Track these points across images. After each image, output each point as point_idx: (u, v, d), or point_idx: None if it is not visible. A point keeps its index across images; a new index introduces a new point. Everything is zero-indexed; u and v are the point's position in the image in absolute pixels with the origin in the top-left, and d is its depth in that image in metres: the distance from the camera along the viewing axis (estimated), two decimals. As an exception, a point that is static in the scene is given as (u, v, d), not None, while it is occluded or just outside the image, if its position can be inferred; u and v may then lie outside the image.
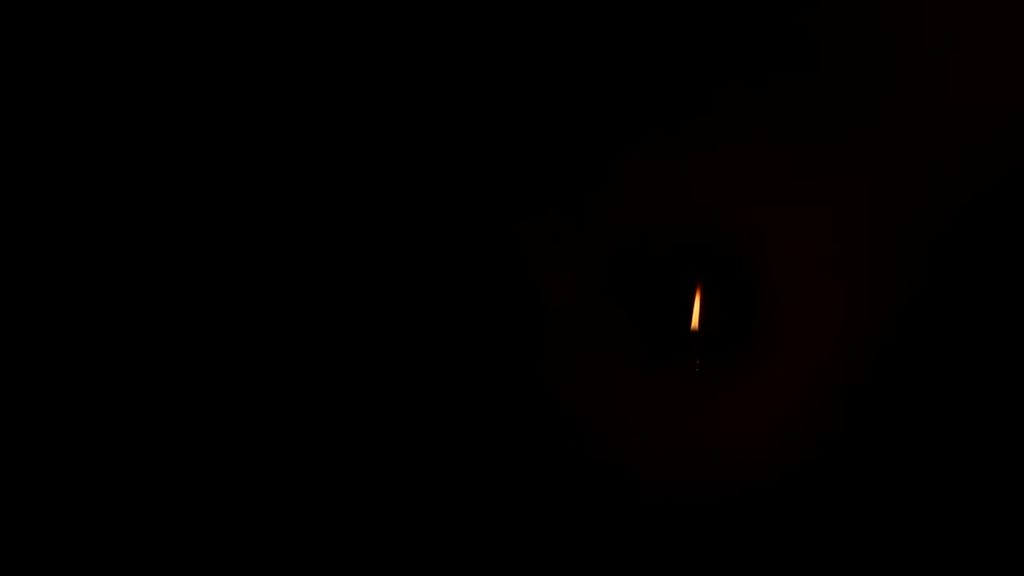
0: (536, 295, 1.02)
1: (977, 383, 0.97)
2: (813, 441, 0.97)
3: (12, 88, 1.04)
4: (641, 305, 1.01)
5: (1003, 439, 0.96)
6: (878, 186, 0.98)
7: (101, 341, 1.03)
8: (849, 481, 0.97)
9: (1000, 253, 0.97)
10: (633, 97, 1.01)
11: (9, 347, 1.03)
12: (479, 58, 1.03)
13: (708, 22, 1.00)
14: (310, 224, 1.04)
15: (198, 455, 1.02)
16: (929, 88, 0.98)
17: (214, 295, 1.04)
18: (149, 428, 1.03)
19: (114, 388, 1.03)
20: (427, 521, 1.01)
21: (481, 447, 1.01)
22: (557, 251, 1.02)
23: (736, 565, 0.97)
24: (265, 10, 1.04)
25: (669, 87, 1.01)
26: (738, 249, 1.00)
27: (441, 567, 1.00)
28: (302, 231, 1.04)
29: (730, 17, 1.00)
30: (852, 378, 0.97)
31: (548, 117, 1.03)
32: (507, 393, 1.01)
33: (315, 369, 1.03)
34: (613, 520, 0.99)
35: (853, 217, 0.99)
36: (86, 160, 1.05)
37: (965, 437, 0.97)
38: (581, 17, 1.02)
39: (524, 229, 1.02)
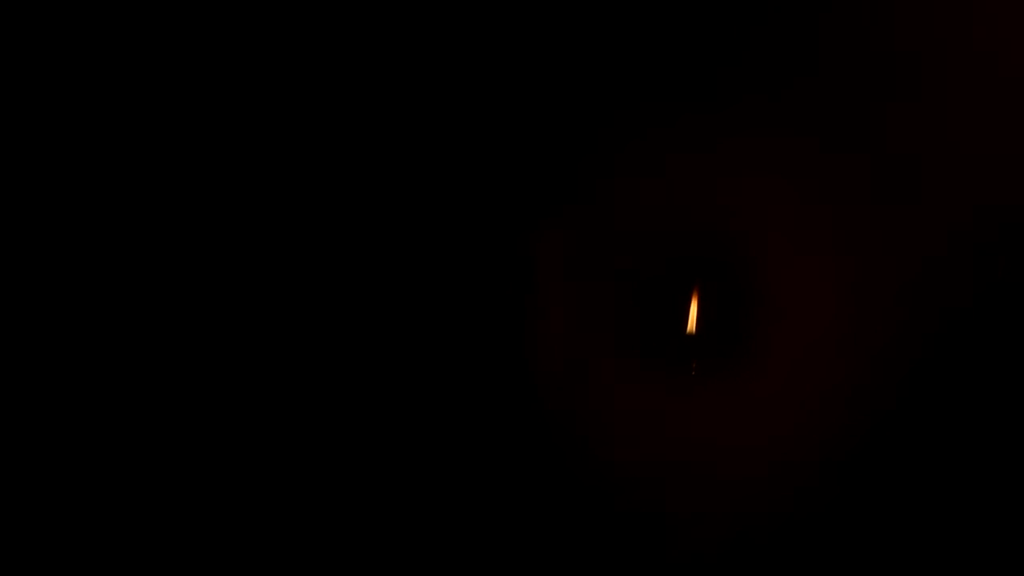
0: (535, 298, 1.02)
1: (973, 382, 0.97)
2: (808, 441, 0.97)
3: (12, 88, 1.05)
4: (638, 308, 1.01)
5: (1000, 437, 0.96)
6: (871, 190, 0.98)
7: (101, 341, 1.04)
8: (845, 481, 0.97)
9: (996, 254, 0.97)
10: (630, 103, 1.01)
11: (9, 347, 1.04)
12: (479, 67, 1.03)
13: (703, 29, 1.00)
14: (307, 224, 1.05)
15: (193, 455, 1.03)
16: (925, 90, 0.98)
17: (213, 297, 1.05)
18: (149, 428, 1.04)
19: (114, 388, 1.04)
20: (425, 522, 1.01)
21: (480, 449, 1.02)
22: (556, 255, 1.02)
23: (732, 564, 0.97)
24: (267, 10, 1.05)
25: (665, 94, 1.01)
26: (733, 253, 1.00)
27: (439, 567, 1.01)
28: (298, 231, 1.05)
29: (725, 24, 1.00)
30: (846, 379, 0.97)
31: (545, 121, 1.03)
32: (505, 395, 1.02)
33: (312, 368, 1.04)
34: (610, 520, 0.99)
35: (847, 221, 0.99)
36: (86, 160, 1.05)
37: (962, 437, 0.96)
38: (576, 26, 1.02)
39: (523, 233, 1.03)
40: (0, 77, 1.05)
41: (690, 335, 0.99)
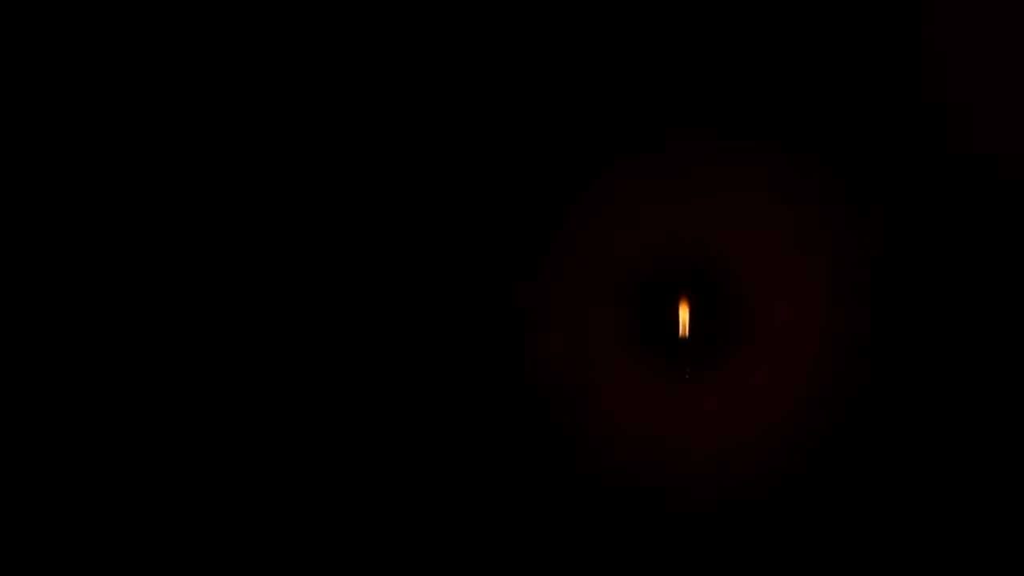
0: (535, 304, 1.06)
1: (961, 381, 1.02)
2: (799, 439, 1.02)
3: (12, 88, 1.04)
4: (634, 315, 1.05)
5: (988, 433, 1.01)
6: (848, 205, 1.04)
7: (101, 341, 1.04)
8: (836, 478, 1.01)
9: (968, 260, 1.03)
10: (628, 121, 1.05)
11: (9, 347, 1.03)
12: (485, 78, 1.06)
13: (691, 52, 1.05)
14: (309, 230, 1.06)
15: (192, 455, 1.03)
16: (902, 100, 1.03)
17: (212, 298, 1.05)
18: (149, 428, 1.03)
19: (114, 388, 1.04)
20: (424, 522, 1.03)
21: (480, 451, 1.04)
22: (555, 263, 1.05)
23: (727, 561, 1.01)
24: (266, 10, 1.05)
25: (660, 114, 1.05)
26: (724, 262, 1.04)
27: (438, 567, 1.02)
28: (300, 236, 1.06)
29: (710, 48, 1.04)
30: (834, 379, 1.02)
31: (548, 133, 1.06)
32: (505, 398, 1.04)
33: (312, 369, 1.05)
34: (606, 520, 1.02)
35: (827, 233, 1.04)
36: (86, 160, 1.05)
37: (950, 433, 1.01)
38: (575, 43, 1.05)
39: (523, 241, 1.06)
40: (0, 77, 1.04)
41: (683, 339, 1.02)
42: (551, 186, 1.06)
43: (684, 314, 1.03)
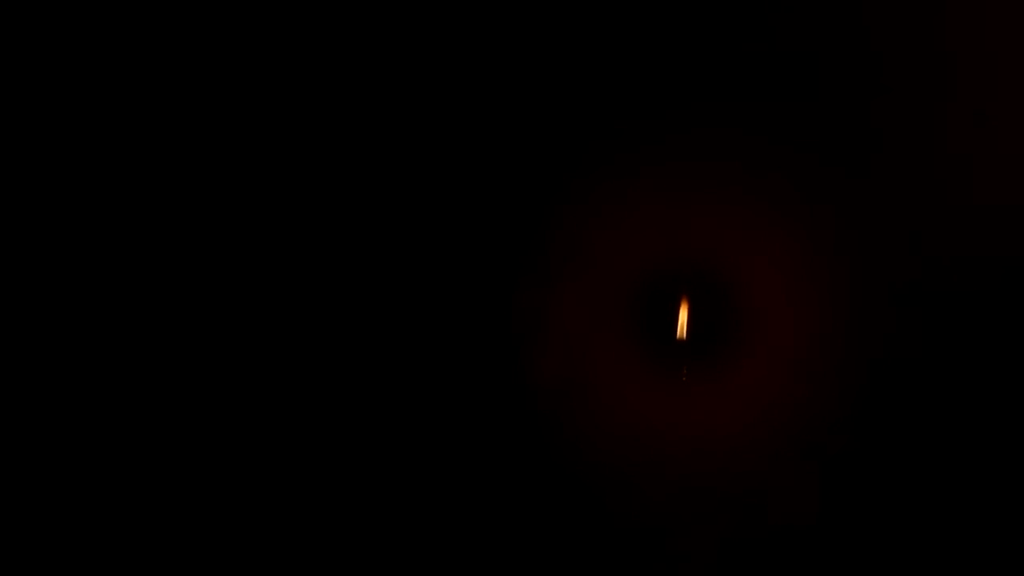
0: (537, 308, 1.06)
1: (946, 383, 1.03)
2: (793, 440, 1.03)
3: (12, 88, 1.05)
4: (634, 317, 1.05)
5: (971, 431, 1.02)
6: (846, 209, 1.05)
7: (101, 341, 1.04)
8: (829, 477, 1.02)
9: (967, 262, 1.03)
10: (628, 131, 1.07)
11: (9, 347, 1.03)
12: (491, 79, 1.07)
13: (682, 64, 1.05)
14: (311, 231, 1.07)
15: (192, 455, 1.04)
16: (893, 108, 1.05)
17: (212, 299, 1.06)
18: (149, 428, 1.04)
19: (114, 388, 1.04)
20: (423, 521, 1.04)
21: (481, 451, 1.05)
22: (556, 269, 1.06)
23: (722, 558, 1.02)
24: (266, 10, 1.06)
25: (657, 125, 1.06)
26: (721, 266, 1.05)
27: (437, 567, 1.03)
28: (300, 235, 1.07)
29: (703, 59, 1.05)
30: (826, 381, 1.04)
31: (549, 139, 1.07)
32: (506, 400, 1.05)
33: (315, 374, 1.06)
34: (604, 518, 1.03)
35: (824, 236, 1.05)
36: (86, 160, 1.05)
37: (939, 432, 1.03)
38: (565, 55, 1.06)
39: (525, 245, 1.06)
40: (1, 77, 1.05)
41: (681, 341, 1.03)
42: (552, 190, 1.07)
43: (683, 316, 1.04)
